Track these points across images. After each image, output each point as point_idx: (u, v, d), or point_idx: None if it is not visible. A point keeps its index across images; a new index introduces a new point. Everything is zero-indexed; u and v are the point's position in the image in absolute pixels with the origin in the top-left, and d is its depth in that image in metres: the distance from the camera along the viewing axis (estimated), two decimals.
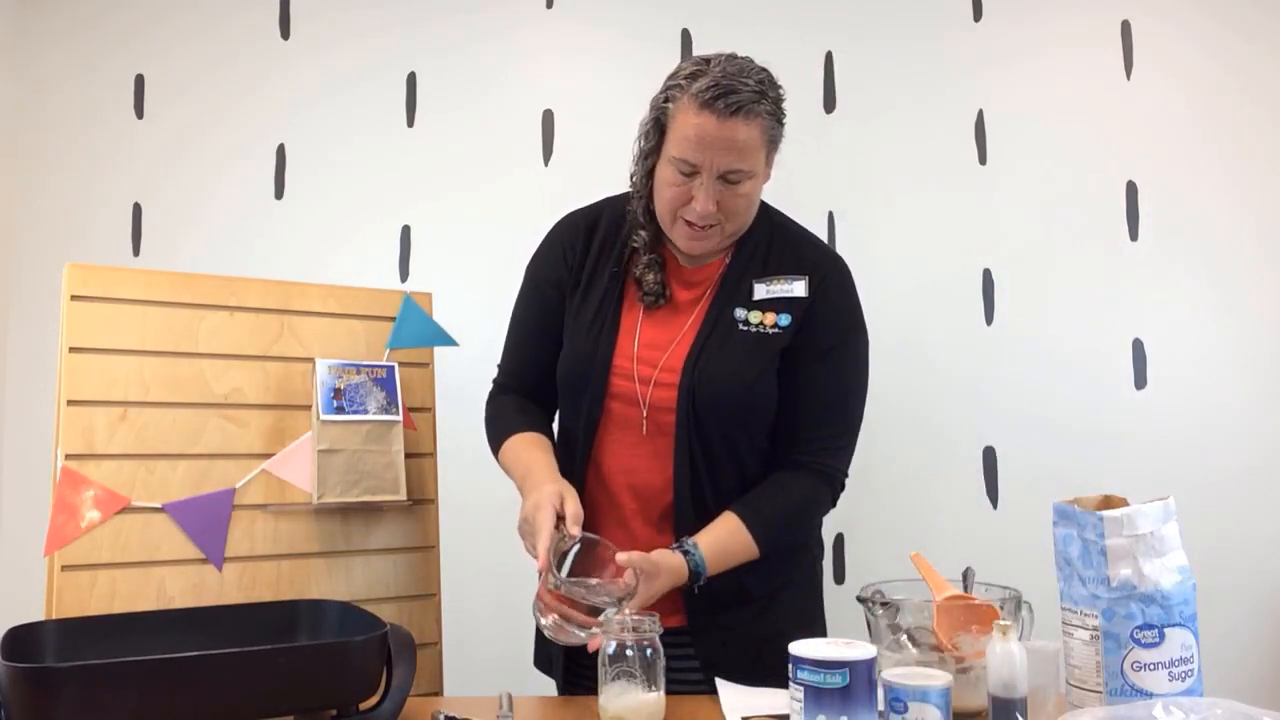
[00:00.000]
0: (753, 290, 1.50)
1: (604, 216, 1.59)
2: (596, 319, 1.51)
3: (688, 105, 1.39)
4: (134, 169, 2.56)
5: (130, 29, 2.59)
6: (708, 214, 1.42)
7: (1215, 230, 2.46)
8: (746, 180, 1.42)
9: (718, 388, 1.45)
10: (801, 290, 1.49)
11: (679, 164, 1.41)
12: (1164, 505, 1.17)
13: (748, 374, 1.46)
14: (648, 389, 1.48)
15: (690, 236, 1.46)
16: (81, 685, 1.06)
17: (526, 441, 1.52)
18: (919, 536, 2.35)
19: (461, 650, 2.06)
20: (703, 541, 1.40)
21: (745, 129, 1.38)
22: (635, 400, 1.48)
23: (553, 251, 1.60)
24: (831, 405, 1.50)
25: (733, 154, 1.39)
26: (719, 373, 1.45)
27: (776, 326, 1.48)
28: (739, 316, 1.48)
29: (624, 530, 1.49)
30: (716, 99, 1.36)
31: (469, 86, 2.57)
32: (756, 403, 1.47)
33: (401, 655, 1.26)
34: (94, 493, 1.48)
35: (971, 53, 2.53)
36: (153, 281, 1.59)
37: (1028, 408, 2.45)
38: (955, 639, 1.22)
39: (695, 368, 1.46)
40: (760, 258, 1.53)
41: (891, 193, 2.52)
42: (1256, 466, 2.41)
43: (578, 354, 1.52)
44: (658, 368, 1.48)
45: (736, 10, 2.55)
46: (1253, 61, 2.48)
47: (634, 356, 1.49)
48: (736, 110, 1.37)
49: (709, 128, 1.37)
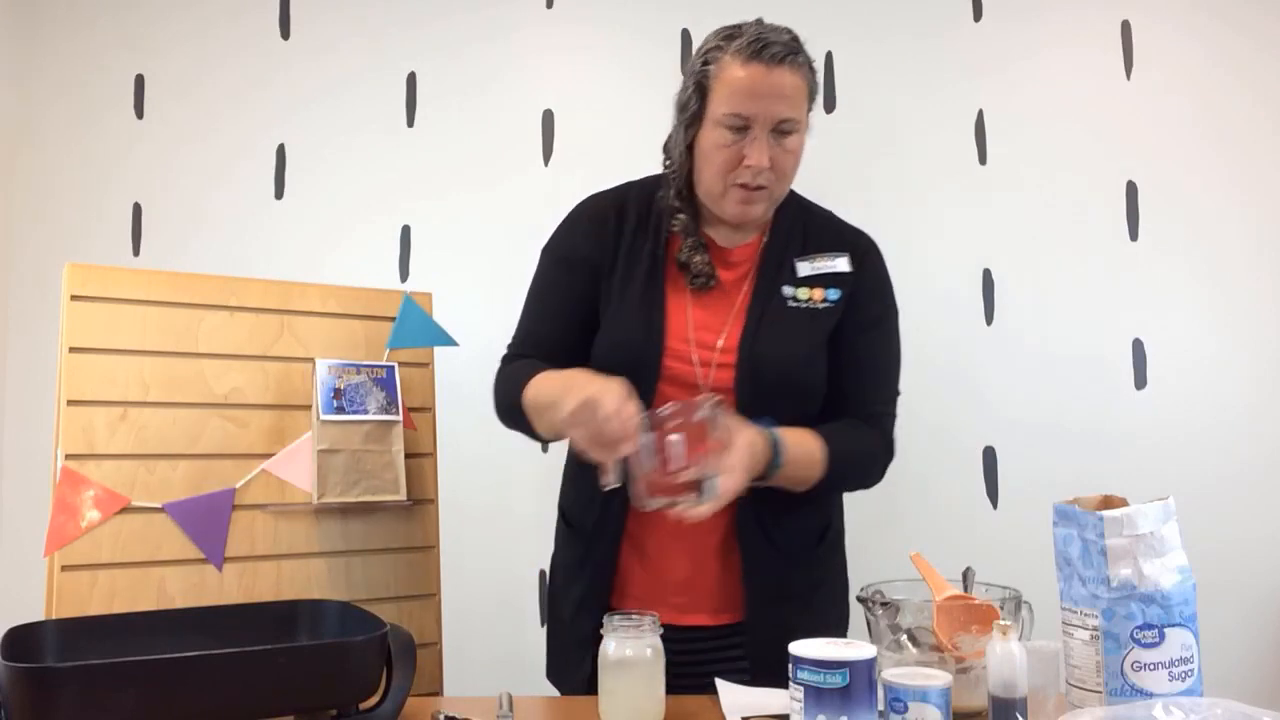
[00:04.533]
0: (795, 268, 1.51)
1: (630, 200, 1.56)
2: (643, 302, 1.48)
3: (731, 61, 1.40)
4: (134, 169, 2.56)
5: (130, 29, 2.59)
6: (761, 169, 1.41)
7: (1215, 230, 2.46)
8: (795, 134, 1.42)
9: (778, 365, 1.45)
10: (845, 266, 1.52)
11: (730, 120, 1.40)
12: (1164, 505, 1.17)
13: (805, 350, 1.47)
14: (708, 370, 1.46)
15: (742, 200, 1.45)
16: (81, 685, 1.06)
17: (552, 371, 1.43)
18: (919, 536, 2.35)
19: (461, 650, 2.06)
20: (786, 437, 1.39)
21: (791, 77, 1.40)
22: (690, 382, 1.45)
23: (582, 229, 1.56)
24: (879, 374, 1.56)
25: (783, 102, 1.39)
26: (777, 350, 1.45)
27: (826, 301, 1.50)
28: (787, 294, 1.49)
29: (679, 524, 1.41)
30: (762, 49, 1.38)
31: (469, 86, 2.57)
32: (813, 378, 1.48)
33: (401, 655, 1.26)
34: (94, 493, 1.48)
35: (971, 53, 2.53)
36: (153, 281, 1.59)
37: (1028, 408, 2.45)
38: (955, 639, 1.22)
39: (753, 346, 1.45)
40: (797, 237, 1.53)
41: (891, 193, 2.52)
42: (1256, 466, 2.41)
43: (627, 338, 1.48)
44: (715, 349, 1.46)
45: (736, 10, 2.54)
46: (1253, 61, 2.48)
47: (689, 339, 1.47)
48: (783, 58, 1.38)
49: (759, 76, 1.38)
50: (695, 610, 1.49)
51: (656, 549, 1.48)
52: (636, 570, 1.50)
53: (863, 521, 2.45)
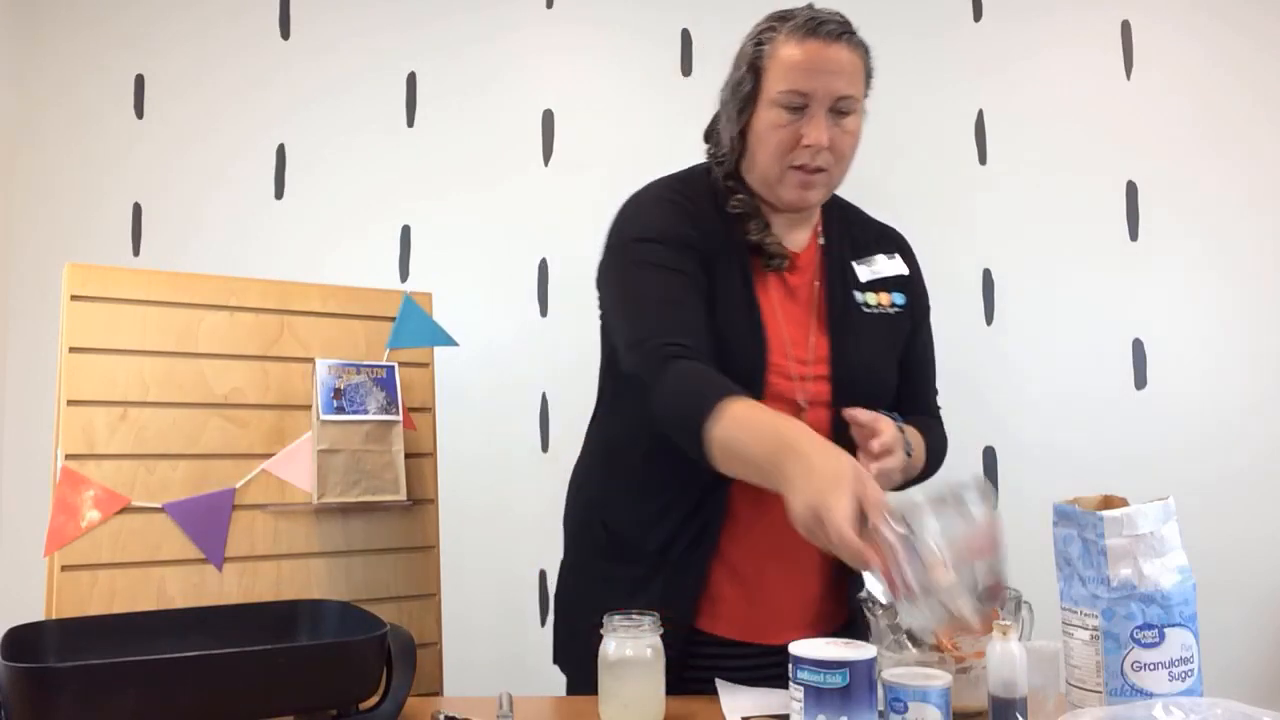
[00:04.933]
0: (855, 271, 1.47)
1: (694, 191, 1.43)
2: (745, 310, 1.38)
3: (787, 39, 1.35)
4: (134, 169, 2.56)
5: (130, 29, 2.59)
6: (821, 148, 1.34)
7: (1215, 230, 2.46)
8: (853, 114, 1.37)
9: (870, 375, 1.43)
10: (902, 268, 1.51)
11: (787, 98, 1.34)
12: (1164, 505, 1.16)
13: (888, 358, 1.46)
14: (804, 384, 1.39)
15: (800, 184, 1.37)
16: (81, 685, 1.06)
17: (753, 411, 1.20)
18: None
19: (461, 650, 2.06)
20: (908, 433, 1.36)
21: (849, 54, 1.35)
22: (789, 397, 1.37)
23: (667, 211, 1.39)
24: (932, 368, 1.57)
25: (842, 78, 1.34)
26: (866, 360, 1.43)
27: (895, 306, 1.48)
28: (859, 299, 1.46)
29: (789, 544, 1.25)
30: (818, 26, 1.34)
31: (469, 86, 2.57)
32: (893, 386, 1.47)
33: (401, 655, 1.26)
34: (94, 493, 1.48)
35: (971, 53, 2.53)
36: (153, 281, 1.59)
37: (1028, 408, 2.45)
38: (955, 639, 1.22)
39: (844, 356, 1.41)
40: (847, 236, 1.50)
41: (891, 193, 2.52)
42: (1257, 466, 2.41)
43: (736, 351, 1.34)
44: (808, 361, 1.40)
45: (736, 10, 2.54)
46: (1253, 61, 2.48)
47: (787, 353, 1.38)
48: (840, 35, 1.34)
49: (816, 51, 1.33)
50: (792, 629, 1.38)
51: (753, 571, 1.40)
52: (729, 591, 1.40)
53: None
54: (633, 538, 1.43)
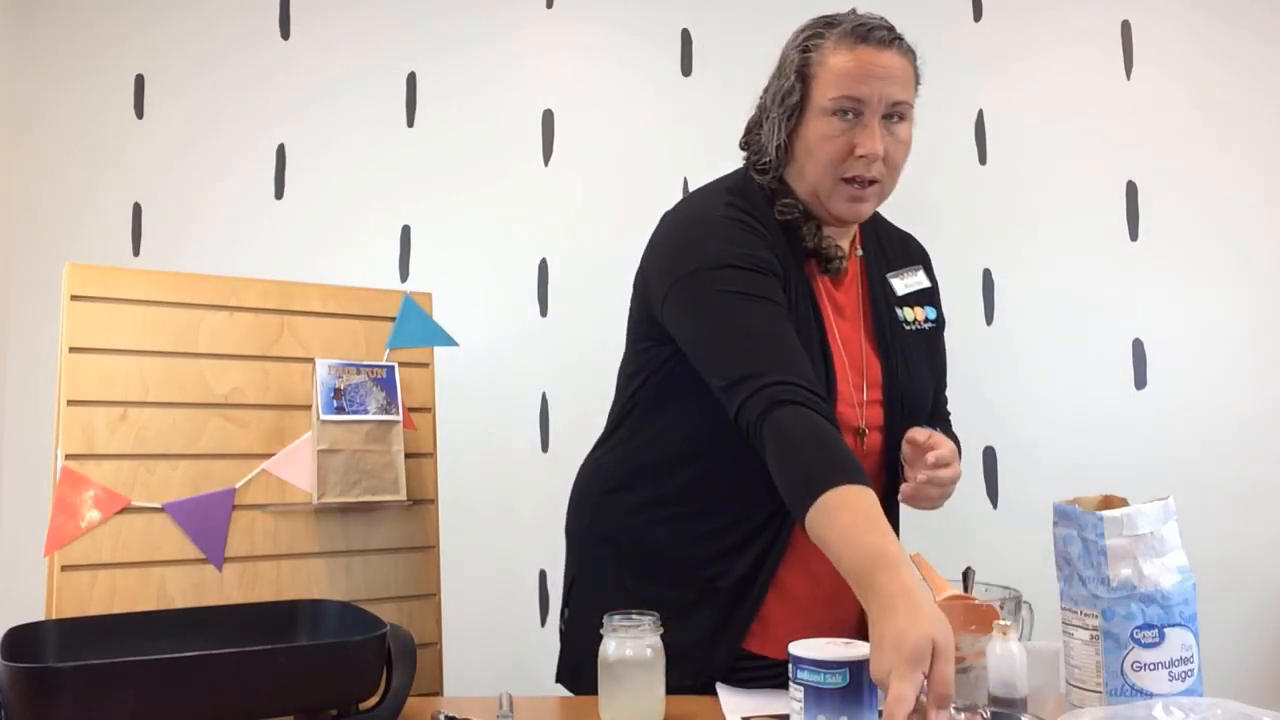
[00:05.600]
0: (891, 285, 1.46)
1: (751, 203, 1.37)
2: (815, 336, 1.33)
3: (837, 45, 1.31)
4: (134, 169, 2.56)
5: (130, 29, 2.59)
6: (876, 157, 1.30)
7: (1216, 230, 2.46)
8: (906, 121, 1.33)
9: (920, 396, 1.41)
10: (926, 280, 1.50)
11: (840, 103, 1.29)
12: (1164, 505, 1.16)
13: (931, 375, 1.45)
14: (864, 409, 1.36)
15: (852, 197, 1.33)
16: (81, 685, 1.06)
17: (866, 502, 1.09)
18: (919, 536, 2.35)
19: (461, 650, 2.06)
20: None
21: (900, 60, 1.32)
22: (851, 423, 1.35)
23: (742, 234, 1.31)
24: (945, 372, 1.55)
25: (896, 84, 1.30)
26: (916, 381, 1.41)
27: (929, 321, 1.47)
28: (899, 316, 1.44)
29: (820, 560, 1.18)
30: (870, 31, 1.30)
31: (469, 86, 2.57)
32: (930, 400, 1.46)
33: (401, 655, 1.26)
34: (94, 493, 1.48)
35: (971, 53, 2.53)
36: (153, 281, 1.59)
37: (1028, 408, 2.45)
38: (955, 639, 1.22)
39: (896, 379, 1.38)
40: (880, 249, 1.48)
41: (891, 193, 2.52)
42: (1257, 466, 2.41)
43: None
44: (864, 385, 1.36)
45: (736, 10, 2.55)
46: (1253, 61, 2.48)
47: (849, 379, 1.35)
48: (891, 41, 1.31)
49: (870, 57, 1.29)
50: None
51: (804, 591, 1.36)
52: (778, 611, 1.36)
53: None
54: (675, 558, 1.36)
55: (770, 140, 1.36)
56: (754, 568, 1.34)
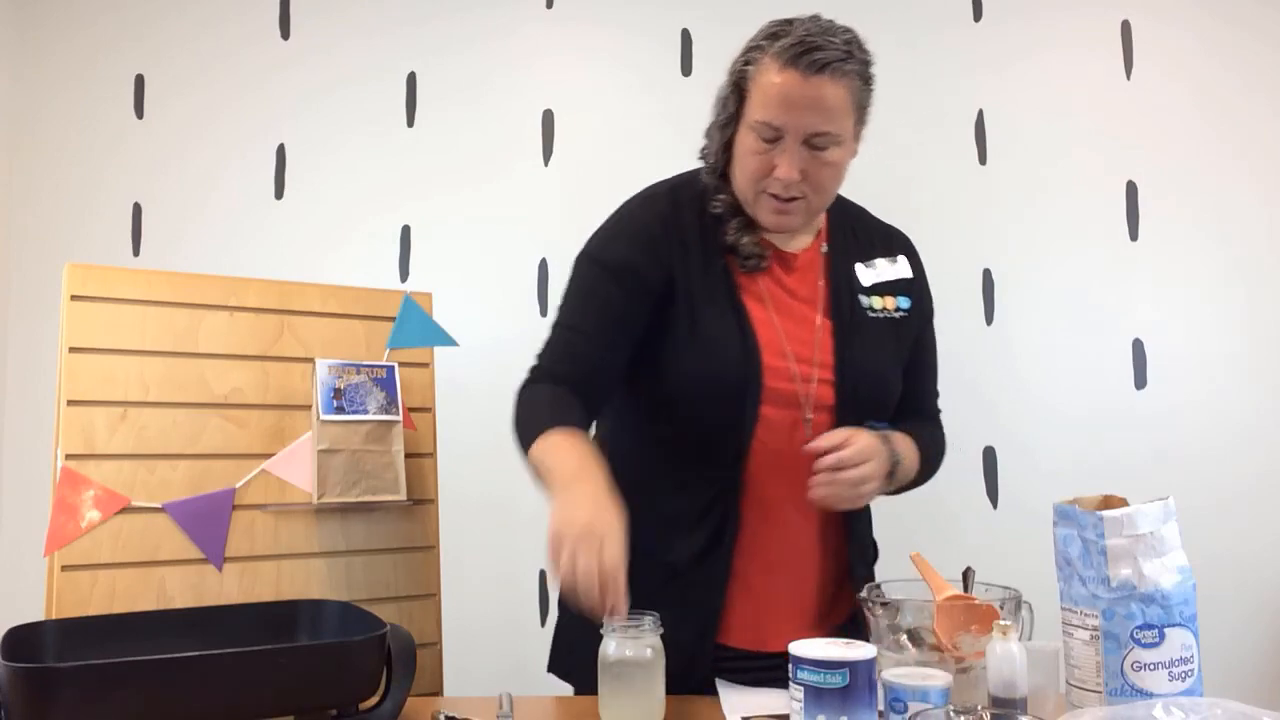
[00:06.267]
0: (858, 274, 1.46)
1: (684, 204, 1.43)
2: (728, 321, 1.37)
3: (769, 65, 1.30)
4: (134, 169, 2.56)
5: (130, 29, 2.59)
6: (791, 182, 1.31)
7: (1216, 230, 2.46)
8: (833, 147, 1.32)
9: (876, 378, 1.42)
10: (907, 270, 1.50)
11: (760, 129, 1.31)
12: (1164, 505, 1.16)
13: (894, 363, 1.46)
14: (809, 386, 1.38)
15: (775, 210, 1.36)
16: (81, 685, 1.06)
17: (567, 441, 1.30)
18: (919, 536, 2.34)
19: (461, 650, 2.06)
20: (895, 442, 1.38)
21: (832, 88, 1.29)
22: (792, 401, 1.37)
23: (632, 237, 1.41)
24: (934, 370, 1.57)
25: (818, 115, 1.29)
26: (873, 363, 1.42)
27: (900, 310, 1.47)
28: (864, 303, 1.45)
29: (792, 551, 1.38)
30: (800, 55, 1.27)
31: (469, 86, 2.57)
32: (898, 390, 1.47)
33: (401, 655, 1.26)
34: (94, 493, 1.48)
35: (971, 53, 2.53)
36: (153, 281, 1.59)
37: (1028, 408, 2.45)
38: (955, 639, 1.22)
39: (850, 360, 1.40)
40: (851, 238, 1.49)
41: (891, 193, 2.52)
42: (1257, 466, 2.41)
43: (723, 362, 1.35)
44: (813, 363, 1.39)
45: (736, 10, 2.54)
46: (1252, 61, 2.48)
47: (786, 353, 1.38)
48: (822, 68, 1.27)
49: (793, 86, 1.28)
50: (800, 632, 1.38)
51: (762, 582, 1.39)
52: (737, 600, 1.39)
53: None
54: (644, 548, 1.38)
55: (711, 140, 1.42)
56: (707, 551, 1.37)
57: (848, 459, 1.30)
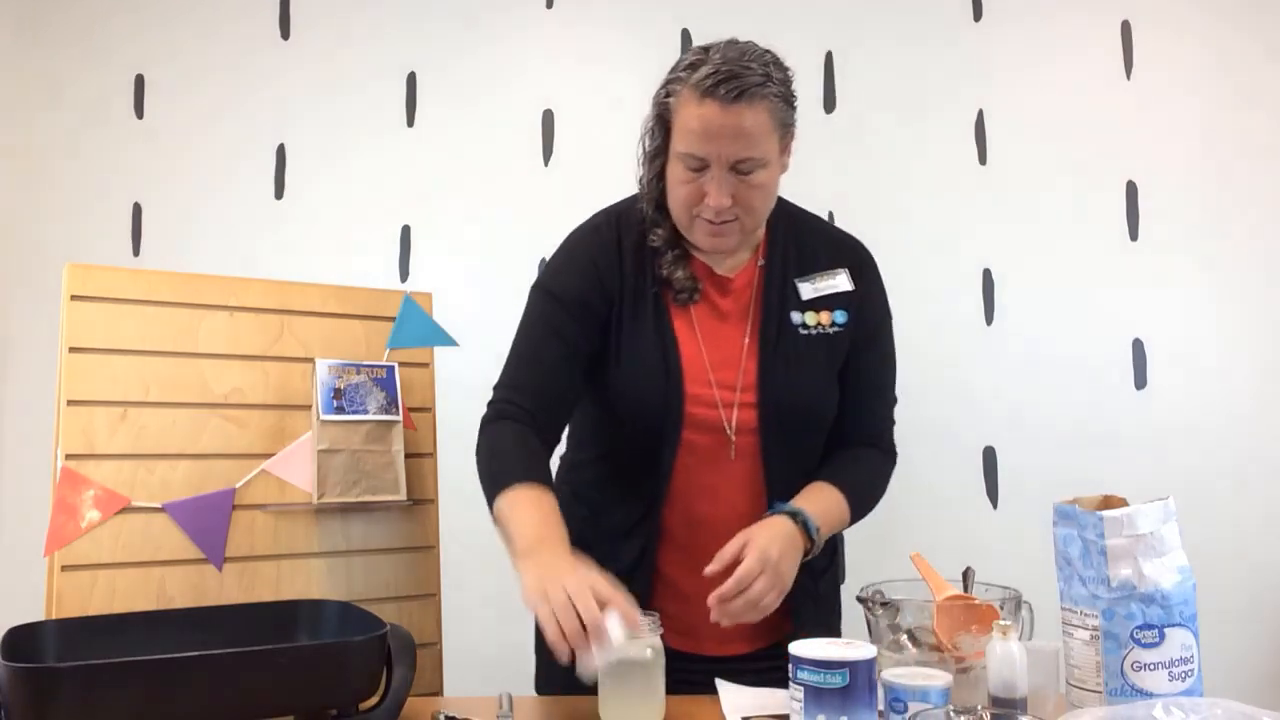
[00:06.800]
0: (798, 290, 1.46)
1: (625, 232, 1.48)
2: (655, 346, 1.42)
3: (689, 97, 1.33)
4: (134, 169, 2.56)
5: (130, 29, 2.59)
6: (722, 209, 1.35)
7: (1215, 230, 2.46)
8: (759, 169, 1.35)
9: (800, 400, 1.42)
10: (847, 284, 1.48)
11: (686, 159, 1.35)
12: (1164, 505, 1.17)
13: (823, 380, 1.45)
14: (731, 411, 1.41)
15: (710, 233, 1.39)
16: (81, 685, 1.06)
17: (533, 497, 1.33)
18: (919, 536, 2.34)
19: (461, 650, 2.06)
20: (805, 505, 1.36)
21: (751, 115, 1.31)
22: (715, 426, 1.41)
23: (578, 267, 1.46)
24: (878, 387, 1.54)
25: (740, 142, 1.31)
26: (798, 385, 1.42)
27: (835, 325, 1.46)
28: (796, 320, 1.45)
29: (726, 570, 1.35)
30: (718, 85, 1.29)
31: (469, 86, 2.57)
32: (832, 408, 1.46)
33: (401, 655, 1.26)
34: (94, 493, 1.48)
35: (971, 53, 2.53)
36: (153, 281, 1.59)
37: (1028, 408, 2.45)
38: (955, 639, 1.22)
39: (774, 383, 1.41)
40: (793, 255, 1.48)
41: (891, 193, 2.52)
42: (1256, 466, 2.41)
43: (645, 388, 1.41)
44: (735, 388, 1.41)
45: (736, 11, 2.55)
46: (1252, 61, 2.48)
47: (710, 380, 1.41)
48: (739, 95, 1.29)
49: (713, 117, 1.30)
50: (735, 640, 1.45)
51: (693, 588, 1.37)
52: (672, 607, 1.40)
53: (862, 522, 2.45)
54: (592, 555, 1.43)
55: (643, 171, 1.46)
56: (636, 560, 1.43)
57: (744, 577, 1.25)
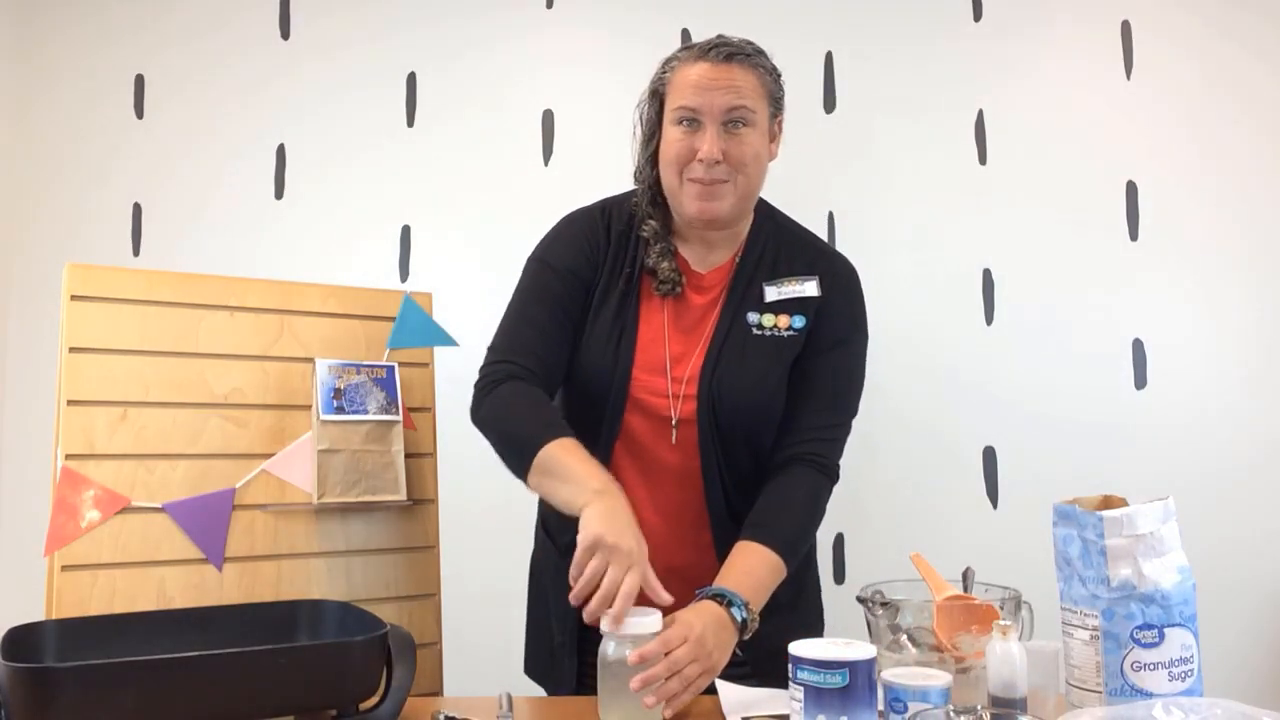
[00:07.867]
0: (763, 293, 1.48)
1: (614, 217, 1.54)
2: (614, 327, 1.47)
3: (684, 63, 1.44)
4: (134, 169, 2.56)
5: (130, 29, 2.59)
6: (713, 159, 1.39)
7: (1215, 230, 2.46)
8: (750, 128, 1.42)
9: (737, 396, 1.44)
10: (814, 290, 1.48)
11: (681, 114, 1.42)
12: (1164, 505, 1.17)
13: (766, 381, 1.45)
14: (677, 402, 1.45)
15: (699, 195, 1.42)
16: (81, 685, 1.06)
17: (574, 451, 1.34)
18: (919, 536, 2.35)
19: (461, 650, 2.06)
20: (730, 582, 1.32)
21: (743, 74, 1.41)
22: (662, 414, 1.46)
23: (573, 243, 1.53)
24: (827, 397, 1.49)
25: (732, 93, 1.40)
26: (737, 381, 1.44)
27: (791, 329, 1.47)
28: (752, 321, 1.47)
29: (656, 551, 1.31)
30: (712, 49, 1.42)
31: (469, 87, 2.57)
32: (775, 408, 1.46)
33: (401, 655, 1.26)
34: (94, 493, 1.48)
35: (971, 53, 2.53)
36: (153, 281, 1.59)
37: (1028, 408, 2.45)
38: (955, 639, 1.22)
39: (713, 378, 1.44)
40: (769, 259, 1.51)
41: (891, 192, 2.52)
42: (1256, 466, 2.41)
43: (595, 365, 1.46)
44: (683, 380, 1.45)
45: (736, 11, 2.55)
46: (1253, 60, 2.48)
47: (665, 370, 1.46)
48: (732, 56, 1.41)
49: (707, 71, 1.41)
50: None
51: None
52: None
53: (863, 521, 2.46)
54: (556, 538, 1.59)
55: (638, 158, 1.53)
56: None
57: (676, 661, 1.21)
